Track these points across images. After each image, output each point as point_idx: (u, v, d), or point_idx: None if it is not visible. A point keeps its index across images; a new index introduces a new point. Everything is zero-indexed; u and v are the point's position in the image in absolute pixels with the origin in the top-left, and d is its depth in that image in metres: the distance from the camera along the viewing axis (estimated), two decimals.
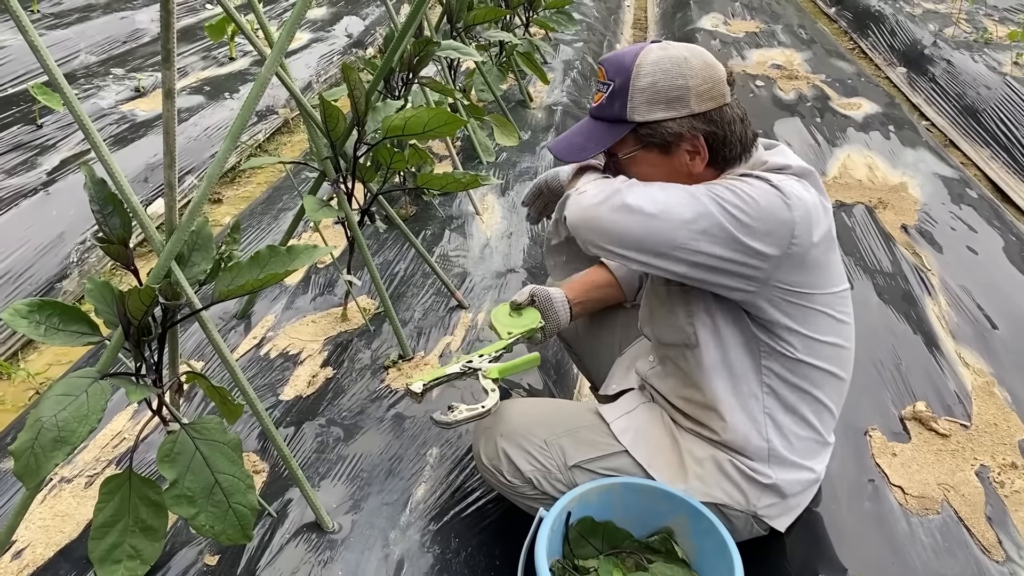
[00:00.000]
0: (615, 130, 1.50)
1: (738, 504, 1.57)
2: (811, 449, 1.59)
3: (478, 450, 1.69)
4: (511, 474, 1.63)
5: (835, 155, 3.91)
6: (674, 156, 1.49)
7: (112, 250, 1.41)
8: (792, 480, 1.57)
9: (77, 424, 1.31)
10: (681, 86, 1.44)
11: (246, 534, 1.44)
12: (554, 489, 1.62)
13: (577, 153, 1.55)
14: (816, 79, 5.17)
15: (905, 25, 6.47)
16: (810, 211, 1.41)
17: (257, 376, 2.21)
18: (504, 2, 4.29)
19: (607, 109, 1.51)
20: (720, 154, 1.50)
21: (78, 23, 5.86)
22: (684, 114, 1.45)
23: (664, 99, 1.45)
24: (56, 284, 3.03)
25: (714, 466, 1.59)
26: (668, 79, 1.44)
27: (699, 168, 1.51)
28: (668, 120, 1.45)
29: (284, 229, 3.09)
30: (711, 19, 6.82)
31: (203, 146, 4.21)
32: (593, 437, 1.65)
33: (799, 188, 1.42)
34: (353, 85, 1.93)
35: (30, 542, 1.67)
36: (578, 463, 1.62)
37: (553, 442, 1.63)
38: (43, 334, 1.39)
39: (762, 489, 1.57)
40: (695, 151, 1.49)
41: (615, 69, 1.49)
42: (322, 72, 5.69)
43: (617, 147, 1.52)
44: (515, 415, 1.69)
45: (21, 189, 3.33)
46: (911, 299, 2.61)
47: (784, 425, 1.55)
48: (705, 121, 1.46)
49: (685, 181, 1.49)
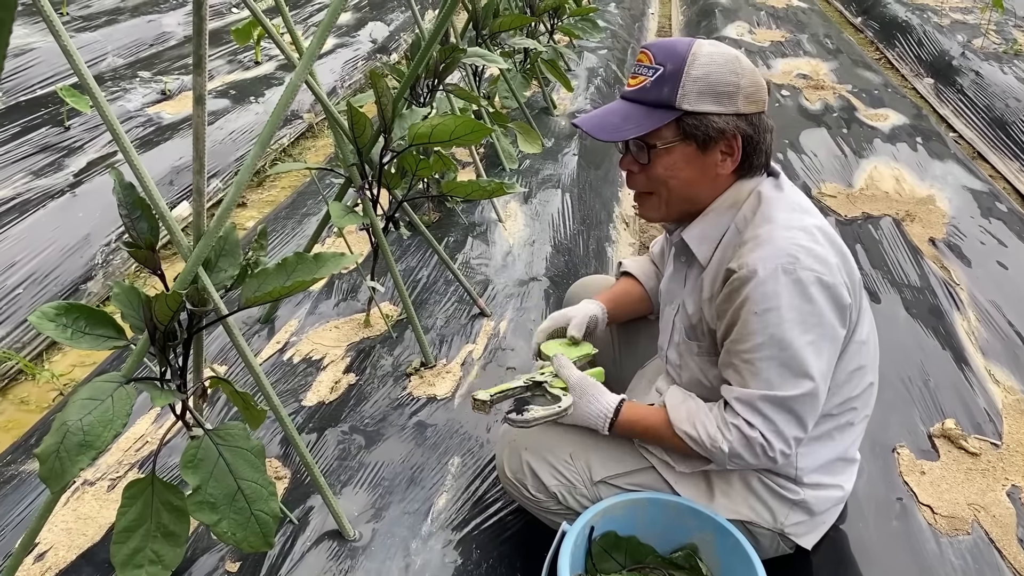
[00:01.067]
0: (658, 115, 1.44)
1: (765, 522, 1.55)
2: (838, 467, 1.58)
3: (502, 463, 1.67)
4: (536, 488, 1.61)
5: (862, 166, 3.87)
6: (709, 154, 1.46)
7: (139, 254, 1.41)
8: (821, 497, 1.55)
9: (102, 429, 1.31)
10: (733, 83, 1.42)
11: (268, 542, 1.44)
12: (578, 504, 1.60)
13: (612, 133, 1.48)
14: (842, 89, 5.13)
15: (933, 36, 6.40)
16: (841, 273, 1.41)
17: (280, 381, 2.21)
18: (530, 9, 4.29)
19: (652, 92, 1.45)
20: (749, 160, 1.48)
21: (106, 26, 5.91)
22: (731, 111, 1.43)
23: (715, 92, 1.42)
24: (81, 285, 3.04)
25: (741, 483, 1.57)
26: (722, 74, 1.42)
27: (728, 170, 1.49)
28: (714, 114, 1.42)
29: (308, 234, 3.10)
30: (736, 28, 6.79)
31: (228, 150, 4.23)
32: (619, 453, 1.63)
33: (821, 252, 1.40)
34: (381, 92, 1.93)
35: (53, 544, 1.67)
36: (604, 478, 1.60)
37: (579, 456, 1.61)
38: (69, 337, 1.39)
39: (791, 506, 1.55)
40: (729, 152, 1.47)
41: (666, 54, 1.44)
42: (346, 77, 5.71)
43: (655, 136, 1.46)
44: (539, 429, 1.64)
45: (48, 190, 3.35)
46: (939, 314, 2.57)
47: (809, 446, 1.53)
48: (747, 123, 1.45)
49: (708, 183, 1.49)
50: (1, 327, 2.68)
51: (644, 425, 1.56)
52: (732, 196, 1.51)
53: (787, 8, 7.63)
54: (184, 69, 5.16)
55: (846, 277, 1.42)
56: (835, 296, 1.39)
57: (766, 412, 1.40)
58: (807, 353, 1.37)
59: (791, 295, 1.36)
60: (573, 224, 3.23)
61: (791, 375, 1.38)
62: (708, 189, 1.51)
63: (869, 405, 1.58)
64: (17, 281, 2.83)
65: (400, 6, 7.33)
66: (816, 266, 1.37)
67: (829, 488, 1.56)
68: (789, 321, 1.36)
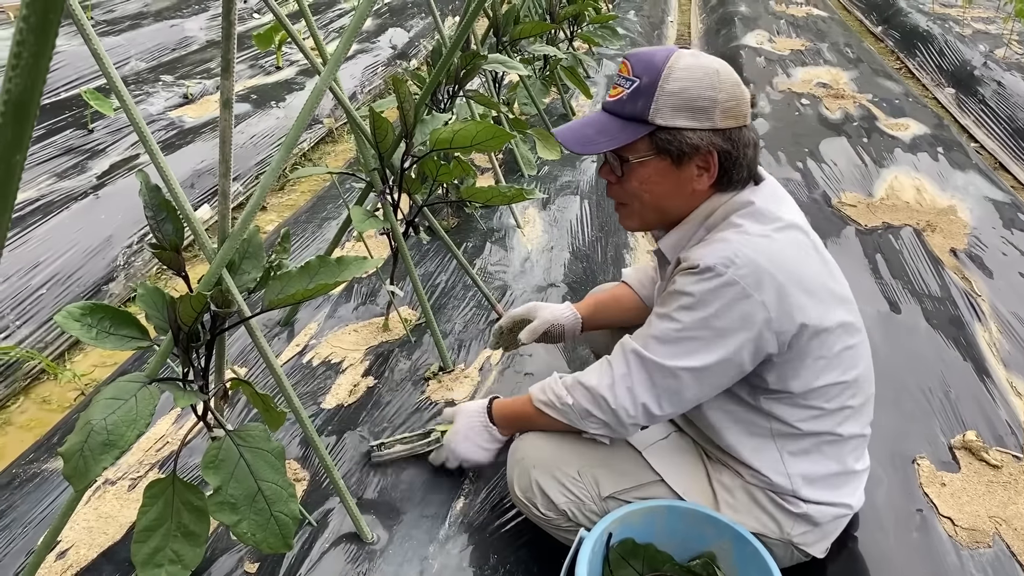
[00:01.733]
0: (631, 129, 1.44)
1: (772, 532, 1.55)
2: (838, 481, 1.56)
3: (512, 482, 1.67)
4: (545, 506, 1.61)
5: (882, 176, 3.85)
6: (684, 169, 1.45)
7: (165, 256, 1.43)
8: (824, 511, 1.54)
9: (126, 428, 1.32)
10: (710, 98, 1.40)
11: (287, 543, 1.45)
12: (588, 521, 1.60)
13: (585, 145, 1.47)
14: (863, 98, 5.11)
15: (954, 45, 6.37)
16: (779, 283, 1.37)
17: (300, 383, 2.22)
18: (550, 16, 4.30)
19: (627, 105, 1.44)
20: (728, 175, 1.46)
21: (129, 30, 5.98)
22: (706, 127, 1.41)
23: (690, 107, 1.40)
24: (103, 287, 3.07)
25: (745, 495, 1.57)
26: (698, 88, 1.39)
27: (704, 185, 1.47)
28: (688, 130, 1.41)
29: (327, 238, 3.12)
30: (756, 36, 6.78)
31: (249, 154, 4.26)
32: (627, 467, 1.63)
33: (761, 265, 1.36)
34: (403, 98, 1.94)
35: (74, 543, 1.69)
36: (612, 494, 1.60)
37: (586, 472, 1.61)
38: (94, 337, 1.40)
39: (794, 518, 1.54)
40: (706, 167, 1.45)
41: (643, 66, 1.43)
42: (366, 83, 5.74)
43: (629, 149, 1.46)
44: (547, 447, 1.66)
45: (71, 192, 3.39)
46: (960, 325, 2.56)
47: (804, 465, 1.53)
48: (724, 138, 1.42)
49: (684, 197, 1.49)
50: (25, 327, 2.71)
51: (514, 409, 1.70)
52: (709, 207, 1.50)
53: (807, 17, 7.61)
54: (206, 73, 5.21)
55: (784, 299, 1.37)
56: (745, 312, 1.36)
57: (631, 364, 1.46)
58: (694, 345, 1.40)
59: (706, 291, 1.37)
60: (591, 230, 3.24)
61: (669, 351, 1.42)
62: (684, 202, 1.50)
63: (860, 421, 1.55)
64: (41, 281, 2.86)
65: (420, 12, 7.37)
66: (746, 277, 1.35)
67: (832, 503, 1.55)
68: (692, 310, 1.40)
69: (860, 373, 1.52)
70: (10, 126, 0.48)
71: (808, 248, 1.46)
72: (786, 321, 1.38)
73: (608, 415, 1.49)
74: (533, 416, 1.64)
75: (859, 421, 1.55)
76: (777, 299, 1.36)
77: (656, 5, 8.52)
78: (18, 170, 0.51)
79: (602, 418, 1.50)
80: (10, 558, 1.69)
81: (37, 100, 0.48)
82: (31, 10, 0.45)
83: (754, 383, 1.48)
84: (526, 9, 4.08)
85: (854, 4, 9.40)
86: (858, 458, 1.59)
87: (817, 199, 3.55)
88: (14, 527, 1.77)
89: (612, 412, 1.48)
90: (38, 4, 0.45)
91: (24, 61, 0.46)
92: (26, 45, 0.46)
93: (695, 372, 1.42)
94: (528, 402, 1.65)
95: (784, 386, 1.46)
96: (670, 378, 1.43)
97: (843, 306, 1.48)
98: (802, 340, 1.41)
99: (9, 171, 0.50)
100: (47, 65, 0.47)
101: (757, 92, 5.13)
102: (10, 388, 2.58)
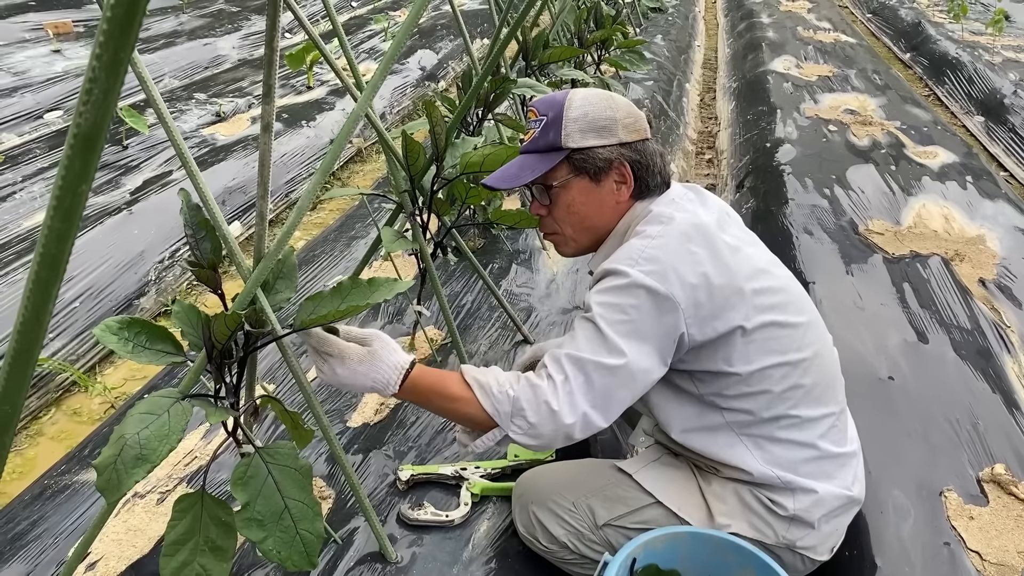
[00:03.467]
0: (549, 158, 1.60)
1: (769, 538, 1.56)
2: (818, 468, 1.56)
3: (515, 520, 1.73)
4: (547, 540, 1.65)
5: (910, 204, 3.84)
6: (603, 184, 1.60)
7: (202, 274, 1.45)
8: (811, 505, 1.54)
9: (158, 443, 1.34)
10: (610, 117, 1.57)
11: (311, 561, 1.46)
12: (591, 551, 1.62)
13: (511, 181, 1.62)
14: (891, 126, 5.10)
15: (984, 73, 6.34)
16: (680, 273, 1.45)
17: (326, 401, 2.24)
18: (578, 41, 4.34)
19: (540, 141, 1.61)
20: (644, 183, 1.60)
21: (163, 48, 6.10)
22: (613, 142, 1.57)
23: (595, 127, 1.57)
24: (134, 301, 3.13)
25: (736, 499, 1.59)
26: (597, 110, 1.57)
27: (625, 196, 1.61)
28: (599, 147, 1.57)
29: (356, 256, 3.16)
30: (783, 62, 6.79)
31: (279, 172, 4.32)
32: (620, 493, 1.65)
33: (664, 259, 1.46)
34: (435, 122, 1.97)
35: (103, 555, 1.71)
36: (608, 522, 1.62)
37: (581, 503, 1.64)
38: (131, 351, 1.43)
39: (787, 522, 1.55)
40: (623, 179, 1.59)
41: (547, 105, 1.61)
42: (395, 104, 5.81)
43: (551, 176, 1.61)
44: (543, 481, 1.72)
45: (105, 208, 3.46)
46: (989, 356, 2.53)
47: (774, 452, 1.55)
48: (631, 150, 1.58)
49: (608, 211, 1.62)
50: (58, 339, 2.76)
51: (434, 379, 1.52)
52: (628, 219, 1.62)
53: (835, 43, 7.61)
54: (238, 91, 5.29)
55: (689, 288, 1.44)
56: (657, 302, 1.44)
57: (567, 369, 1.46)
58: (620, 334, 1.44)
59: (617, 291, 1.46)
60: None
61: (601, 346, 1.45)
62: (609, 217, 1.63)
63: (819, 401, 1.56)
64: (74, 295, 2.92)
65: (449, 35, 7.45)
66: (651, 274, 1.44)
67: (817, 492, 1.55)
68: (608, 309, 1.46)
69: (808, 356, 1.55)
70: (79, 158, 0.51)
71: (707, 238, 1.50)
72: (695, 308, 1.45)
73: (542, 421, 1.45)
74: (448, 392, 1.51)
75: (817, 401, 1.56)
76: (682, 289, 1.44)
77: (683, 30, 8.55)
78: (84, 199, 0.53)
79: (533, 421, 1.45)
80: (41, 568, 1.72)
81: (104, 134, 0.51)
82: (104, 49, 0.47)
83: (695, 375, 1.54)
84: (555, 34, 4.12)
85: (882, 31, 9.40)
86: (835, 441, 1.59)
87: (844, 226, 3.54)
88: (45, 537, 1.80)
89: (551, 421, 1.44)
90: (110, 44, 0.47)
91: (95, 97, 0.48)
92: (97, 82, 0.48)
93: (626, 366, 1.44)
94: (455, 376, 1.54)
95: (723, 370, 1.51)
96: (607, 375, 1.45)
97: (759, 288, 1.51)
98: (718, 324, 1.47)
99: (76, 199, 0.52)
100: (116, 101, 0.49)
101: (784, 118, 5.14)
102: (42, 399, 2.63)
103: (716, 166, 5.33)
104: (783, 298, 1.54)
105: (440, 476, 1.89)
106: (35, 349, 0.59)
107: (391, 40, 6.34)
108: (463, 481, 1.87)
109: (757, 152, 4.73)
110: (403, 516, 1.77)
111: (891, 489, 1.92)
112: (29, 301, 0.55)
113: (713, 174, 5.21)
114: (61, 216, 0.52)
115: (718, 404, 1.55)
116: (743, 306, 1.48)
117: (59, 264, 0.54)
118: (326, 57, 1.87)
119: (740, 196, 4.36)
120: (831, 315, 2.71)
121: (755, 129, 5.15)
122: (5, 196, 3.53)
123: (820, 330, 1.63)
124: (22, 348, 0.58)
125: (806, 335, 1.56)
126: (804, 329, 1.56)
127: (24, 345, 0.58)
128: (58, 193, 0.51)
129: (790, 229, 3.50)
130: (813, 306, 1.64)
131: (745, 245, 1.57)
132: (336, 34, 1.88)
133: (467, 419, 1.53)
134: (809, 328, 1.58)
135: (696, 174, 5.20)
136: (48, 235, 0.53)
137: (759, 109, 5.51)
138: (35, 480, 2.05)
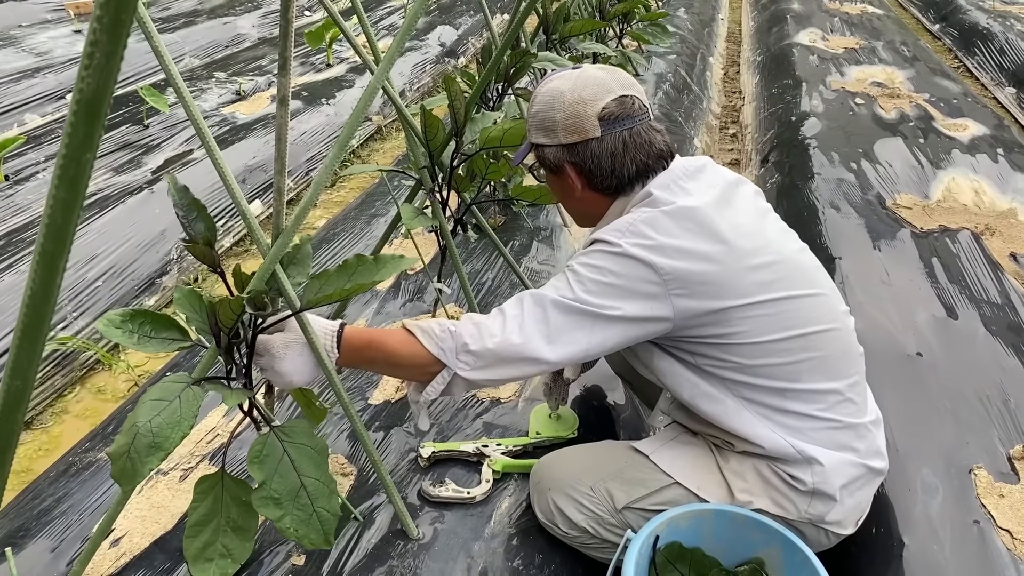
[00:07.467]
0: (524, 147, 1.68)
1: (791, 513, 1.54)
2: (831, 437, 1.54)
3: (535, 507, 1.72)
4: (566, 526, 1.64)
5: (939, 178, 3.76)
6: (562, 178, 1.61)
7: (197, 250, 1.43)
8: (829, 476, 1.51)
9: (171, 430, 1.32)
10: (551, 119, 1.56)
11: (328, 539, 1.45)
12: (612, 535, 1.61)
13: (514, 161, 1.72)
14: (919, 98, 5.00)
15: (1016, 43, 6.20)
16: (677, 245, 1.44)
17: (347, 378, 2.24)
18: (600, 14, 4.28)
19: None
20: (595, 183, 1.58)
21: (184, 27, 6.09)
22: (555, 143, 1.57)
23: (543, 127, 1.58)
24: (156, 280, 3.14)
25: (755, 475, 1.57)
26: (544, 110, 1.57)
27: (583, 192, 1.60)
28: (547, 146, 1.59)
29: (376, 234, 3.14)
30: (808, 34, 6.67)
31: (299, 150, 4.32)
32: (638, 475, 1.63)
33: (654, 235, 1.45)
34: (454, 96, 1.94)
35: (128, 531, 1.72)
36: (627, 505, 1.61)
37: (599, 487, 1.63)
38: (136, 342, 1.42)
39: (808, 496, 1.53)
40: (573, 177, 1.59)
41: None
42: (415, 80, 5.77)
43: (533, 162, 1.70)
44: (560, 467, 1.71)
45: (128, 187, 3.47)
46: (1020, 331, 2.48)
47: (787, 423, 1.52)
48: (571, 152, 1.56)
49: (579, 202, 1.64)
50: (81, 318, 2.78)
51: (372, 334, 1.54)
52: (621, 205, 1.60)
53: (861, 15, 7.46)
54: (258, 70, 5.28)
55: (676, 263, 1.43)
56: (639, 272, 1.43)
57: (525, 303, 1.47)
58: (591, 291, 1.45)
59: (603, 257, 1.46)
60: None
61: (567, 290, 1.46)
62: (585, 207, 1.65)
63: (827, 372, 1.54)
64: (97, 274, 2.93)
65: (469, 10, 7.38)
66: (636, 245, 1.44)
67: (830, 462, 1.52)
68: (591, 267, 1.47)
69: (817, 329, 1.52)
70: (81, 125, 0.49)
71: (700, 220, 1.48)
72: (681, 285, 1.43)
73: (485, 349, 1.45)
74: (389, 344, 1.50)
75: (828, 373, 1.54)
76: (669, 261, 1.43)
77: (707, 2, 8.43)
78: (88, 168, 0.51)
79: (475, 349, 1.45)
80: (66, 544, 1.73)
81: (108, 100, 0.49)
82: (104, 10, 0.45)
83: (695, 349, 1.52)
84: (576, 7, 4.07)
85: (910, 1, 9.20)
86: (850, 412, 1.56)
87: (871, 200, 3.47)
88: (70, 514, 1.81)
89: (494, 344, 1.45)
90: (111, 4, 0.45)
91: (96, 61, 0.46)
92: (99, 45, 0.46)
93: (587, 311, 1.44)
94: (390, 331, 1.54)
95: (722, 342, 1.49)
96: (565, 313, 1.44)
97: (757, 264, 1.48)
98: (709, 302, 1.45)
99: (80, 169, 0.51)
100: (119, 65, 0.48)
101: (810, 91, 5.05)
102: (67, 378, 2.65)
103: (740, 141, 5.26)
104: (786, 272, 1.52)
105: (461, 453, 1.89)
106: (44, 323, 0.58)
107: None
108: (484, 458, 1.86)
109: (782, 126, 4.65)
110: (424, 493, 1.77)
111: (920, 467, 1.89)
112: (36, 274, 0.54)
113: (737, 149, 5.14)
114: (66, 186, 0.51)
115: (722, 376, 1.53)
116: (737, 284, 1.45)
117: (65, 235, 0.53)
118: (344, 31, 1.85)
119: (765, 171, 4.30)
120: (858, 291, 2.67)
121: (780, 103, 5.07)
122: (29, 176, 3.55)
123: (832, 303, 1.59)
124: (31, 322, 0.57)
125: (814, 309, 1.53)
126: (812, 302, 1.53)
127: (33, 319, 0.57)
128: (62, 163, 0.50)
129: (816, 204, 3.44)
130: (826, 279, 1.61)
131: (748, 220, 1.54)
132: (355, 10, 1.86)
133: (414, 368, 1.52)
134: (818, 301, 1.55)
135: (720, 149, 5.14)
136: (53, 205, 0.52)
137: (784, 82, 5.43)
138: (60, 457, 2.07)
